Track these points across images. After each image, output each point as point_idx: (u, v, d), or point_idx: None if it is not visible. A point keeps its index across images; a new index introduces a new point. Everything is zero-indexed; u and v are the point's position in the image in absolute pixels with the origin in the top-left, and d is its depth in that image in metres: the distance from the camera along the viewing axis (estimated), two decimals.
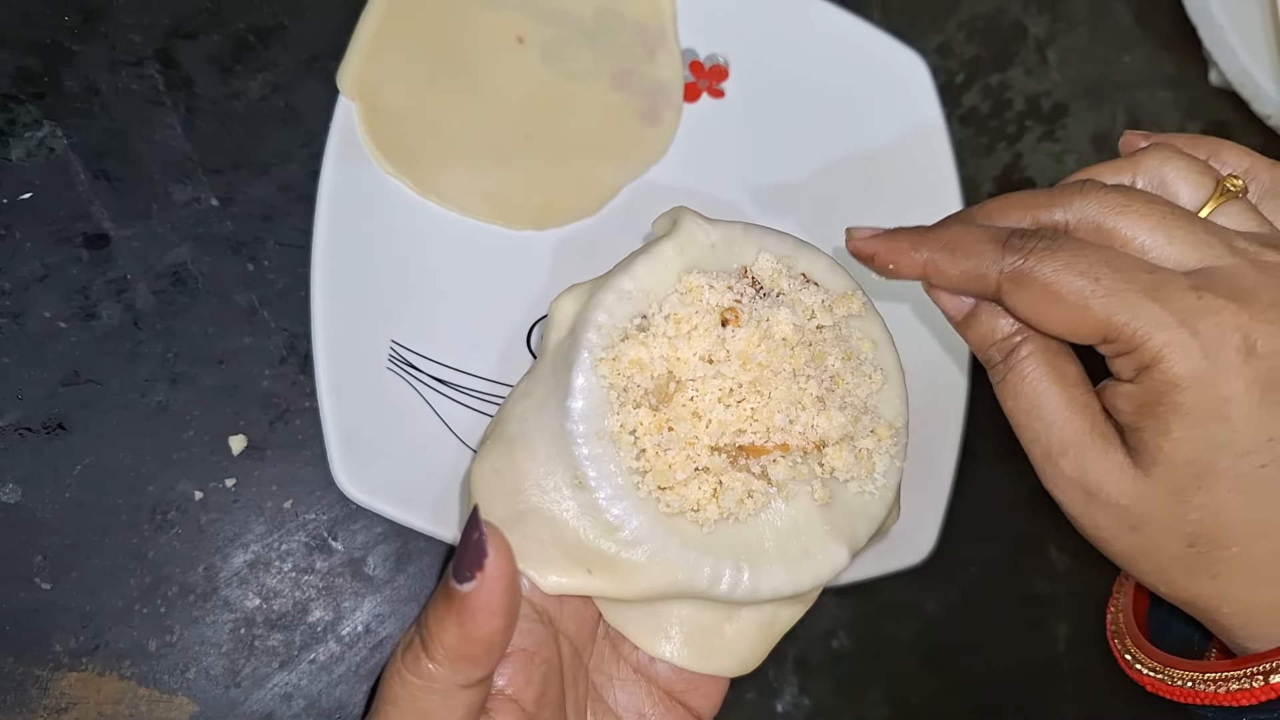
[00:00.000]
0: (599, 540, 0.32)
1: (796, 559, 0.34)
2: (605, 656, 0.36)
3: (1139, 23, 0.63)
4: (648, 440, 0.33)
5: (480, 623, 0.29)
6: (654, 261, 0.35)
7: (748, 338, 0.33)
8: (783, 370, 0.33)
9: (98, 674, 0.40)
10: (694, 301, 0.34)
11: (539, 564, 0.33)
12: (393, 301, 0.44)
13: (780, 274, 0.36)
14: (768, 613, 0.35)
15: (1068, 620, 0.54)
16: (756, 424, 0.33)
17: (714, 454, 0.33)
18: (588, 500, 0.32)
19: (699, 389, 0.33)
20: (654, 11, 0.50)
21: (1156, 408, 0.30)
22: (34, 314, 0.41)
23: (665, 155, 0.50)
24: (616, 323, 0.34)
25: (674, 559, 0.32)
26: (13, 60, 0.43)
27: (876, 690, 0.50)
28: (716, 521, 0.33)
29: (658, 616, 0.35)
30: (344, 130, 0.45)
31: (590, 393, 0.33)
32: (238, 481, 0.43)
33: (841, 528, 0.34)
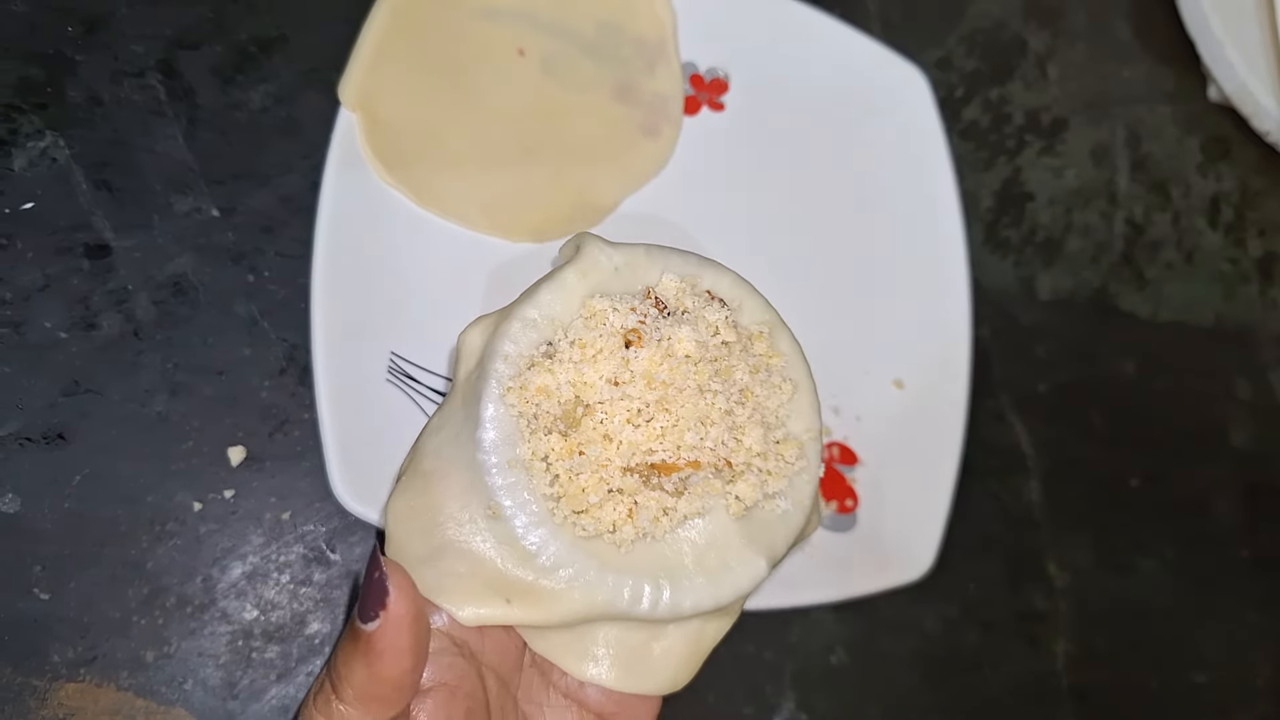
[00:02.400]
0: (517, 569, 0.32)
1: (716, 572, 0.34)
2: (534, 684, 0.36)
3: (1138, 38, 0.63)
4: (560, 466, 0.33)
5: (387, 662, 0.29)
6: (557, 288, 0.35)
7: (650, 357, 0.33)
8: (687, 387, 0.33)
9: (95, 685, 0.40)
10: (598, 325, 0.34)
11: (456, 597, 0.33)
12: (392, 313, 0.44)
13: (684, 293, 0.36)
14: (694, 628, 0.35)
15: (1066, 637, 0.54)
16: (666, 442, 0.33)
17: (626, 475, 0.33)
18: (503, 530, 0.32)
19: (607, 411, 0.33)
20: (654, 25, 0.50)
21: None
22: (35, 324, 0.41)
23: (665, 168, 0.50)
24: (523, 351, 0.34)
25: (593, 581, 0.32)
26: (15, 70, 0.43)
27: (875, 707, 0.50)
28: (633, 541, 0.33)
29: (583, 640, 0.35)
30: (345, 141, 0.45)
31: (500, 422, 0.33)
32: (236, 493, 0.43)
33: (759, 539, 0.34)
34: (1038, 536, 0.55)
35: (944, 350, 0.54)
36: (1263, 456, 0.61)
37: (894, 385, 0.52)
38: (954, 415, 0.53)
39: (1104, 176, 0.61)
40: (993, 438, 0.55)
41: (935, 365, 0.53)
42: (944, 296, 0.54)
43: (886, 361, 0.53)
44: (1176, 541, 0.58)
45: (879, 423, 0.52)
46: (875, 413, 0.52)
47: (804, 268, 0.52)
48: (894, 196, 0.54)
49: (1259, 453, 0.60)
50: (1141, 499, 0.58)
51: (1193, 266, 0.62)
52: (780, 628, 0.49)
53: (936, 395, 0.53)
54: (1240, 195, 0.63)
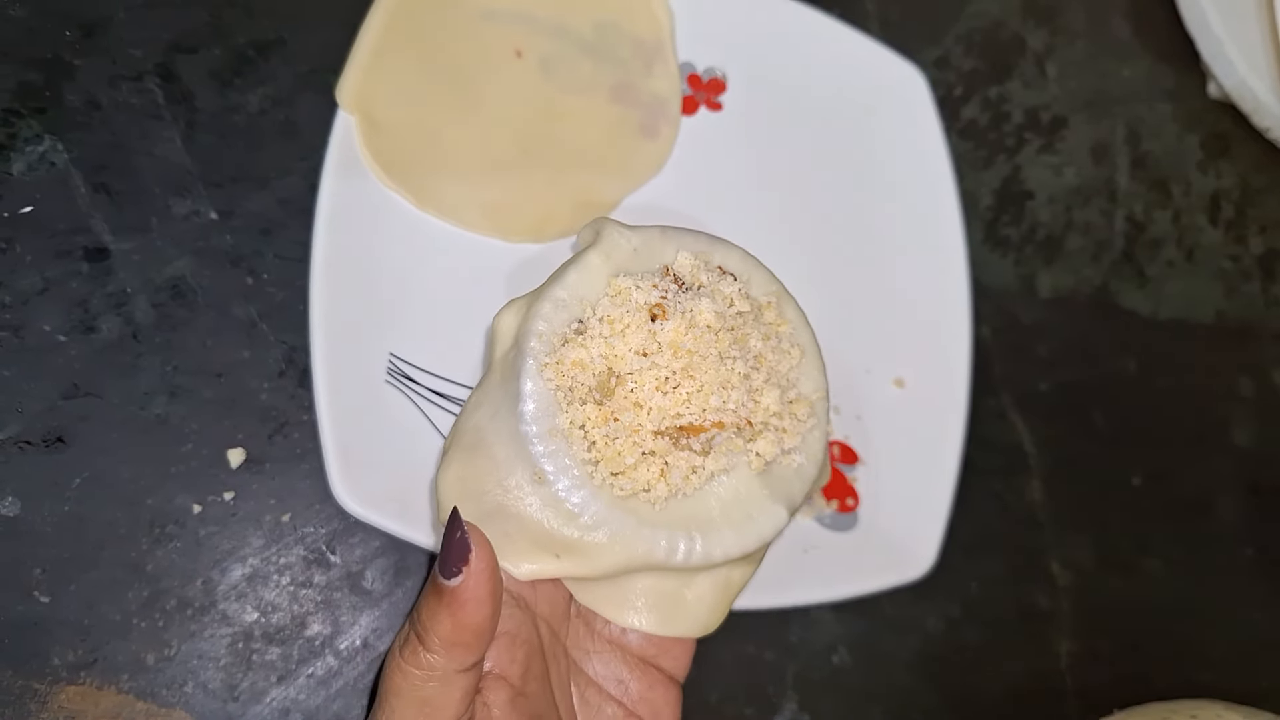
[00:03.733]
0: (563, 528, 0.35)
1: (741, 523, 0.37)
2: (580, 633, 0.39)
3: (1138, 36, 0.63)
4: (596, 432, 0.35)
5: (470, 611, 0.32)
6: (583, 270, 0.38)
7: (675, 328, 0.36)
8: (710, 354, 0.36)
9: (96, 687, 0.40)
10: (624, 302, 0.37)
11: (511, 555, 0.36)
12: (391, 314, 0.44)
13: (699, 269, 0.39)
14: (722, 575, 0.38)
15: (1069, 636, 0.54)
16: (692, 406, 0.36)
17: (657, 438, 0.36)
18: (548, 493, 0.35)
19: (637, 380, 0.36)
20: (652, 25, 0.50)
21: None
22: (34, 327, 0.41)
23: (663, 168, 0.50)
24: (555, 329, 0.37)
25: (632, 536, 0.35)
26: (14, 75, 0.43)
27: (877, 706, 0.50)
28: (666, 499, 0.36)
29: (623, 590, 0.38)
30: (343, 144, 0.45)
31: (539, 396, 0.36)
32: (236, 495, 0.43)
33: (778, 490, 0.38)
34: (1040, 535, 0.55)
35: (944, 349, 0.54)
36: (1265, 454, 0.60)
37: (894, 384, 0.52)
38: (955, 414, 0.53)
39: (1104, 174, 0.61)
40: (994, 436, 0.55)
41: (936, 364, 0.53)
42: (944, 295, 0.54)
43: (887, 360, 0.52)
44: (1179, 540, 0.58)
45: (880, 422, 0.51)
46: (876, 412, 0.51)
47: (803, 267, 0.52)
48: (893, 196, 0.54)
49: (1261, 451, 0.60)
50: (1144, 497, 0.57)
51: (1194, 264, 0.62)
52: (782, 628, 0.49)
53: (937, 394, 0.53)
54: (1241, 192, 0.63)
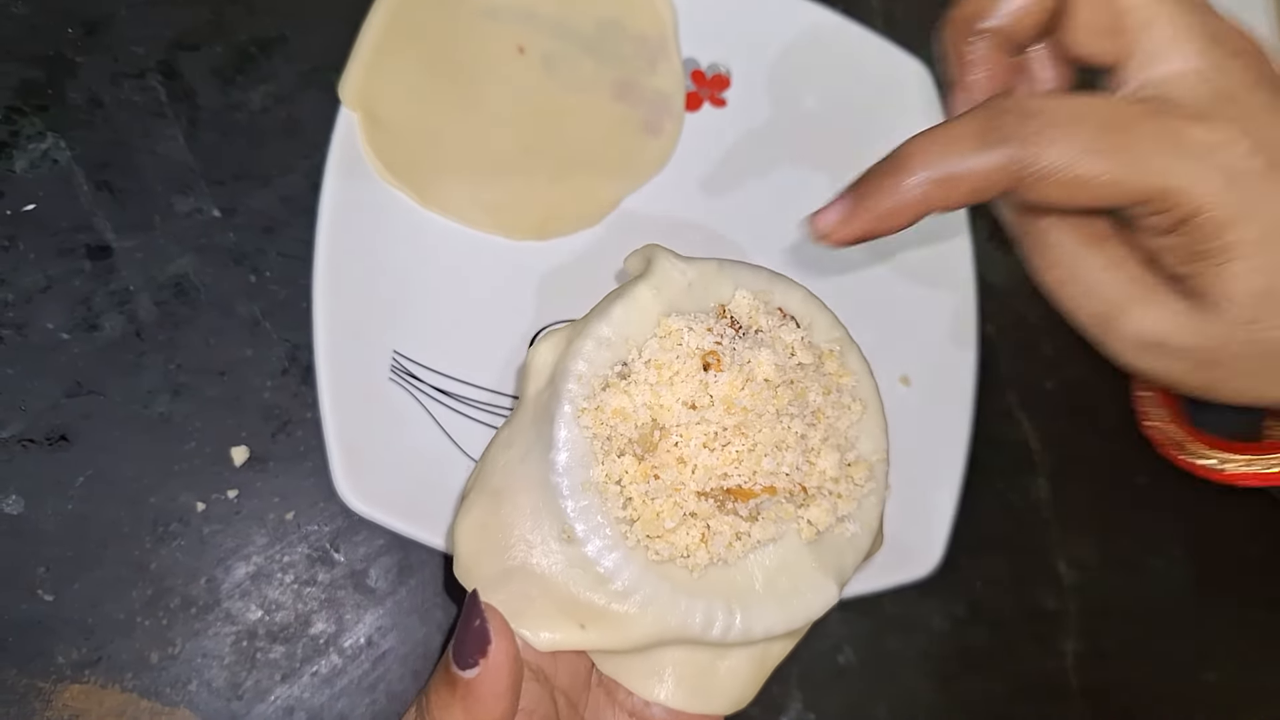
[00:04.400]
0: (590, 593, 0.32)
1: (787, 597, 0.33)
2: (600, 704, 0.36)
3: None
4: (634, 489, 0.32)
5: (487, 706, 0.29)
6: (631, 305, 0.34)
7: (730, 382, 0.33)
8: (766, 412, 0.33)
9: (100, 686, 0.40)
10: (674, 346, 0.33)
11: (531, 621, 0.32)
12: (394, 312, 0.44)
13: (758, 310, 0.35)
14: (759, 648, 0.35)
15: (1075, 636, 0.54)
16: (742, 467, 0.33)
17: (701, 499, 0.32)
18: (577, 553, 0.32)
19: (683, 435, 0.32)
20: (655, 22, 0.50)
21: (1209, 253, 0.29)
22: (37, 325, 0.41)
23: (667, 165, 0.50)
24: (597, 371, 0.33)
25: (666, 606, 0.32)
26: (16, 72, 0.43)
27: (882, 706, 0.50)
28: (706, 566, 0.33)
29: (650, 660, 0.34)
30: (345, 141, 0.45)
31: (574, 444, 0.32)
32: (240, 493, 0.43)
33: (829, 562, 0.34)
34: (1046, 534, 0.55)
35: (950, 347, 0.53)
36: None
37: (901, 382, 0.52)
38: (961, 413, 0.52)
39: None
40: (1000, 435, 0.55)
41: (942, 362, 0.53)
42: (950, 293, 0.54)
43: (893, 359, 0.52)
44: (1186, 539, 0.57)
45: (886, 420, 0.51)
46: None
47: (808, 265, 0.52)
48: None
49: None
50: (1150, 496, 0.57)
51: None
52: None
53: (943, 393, 0.53)
54: None
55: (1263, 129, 0.28)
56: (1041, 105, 0.29)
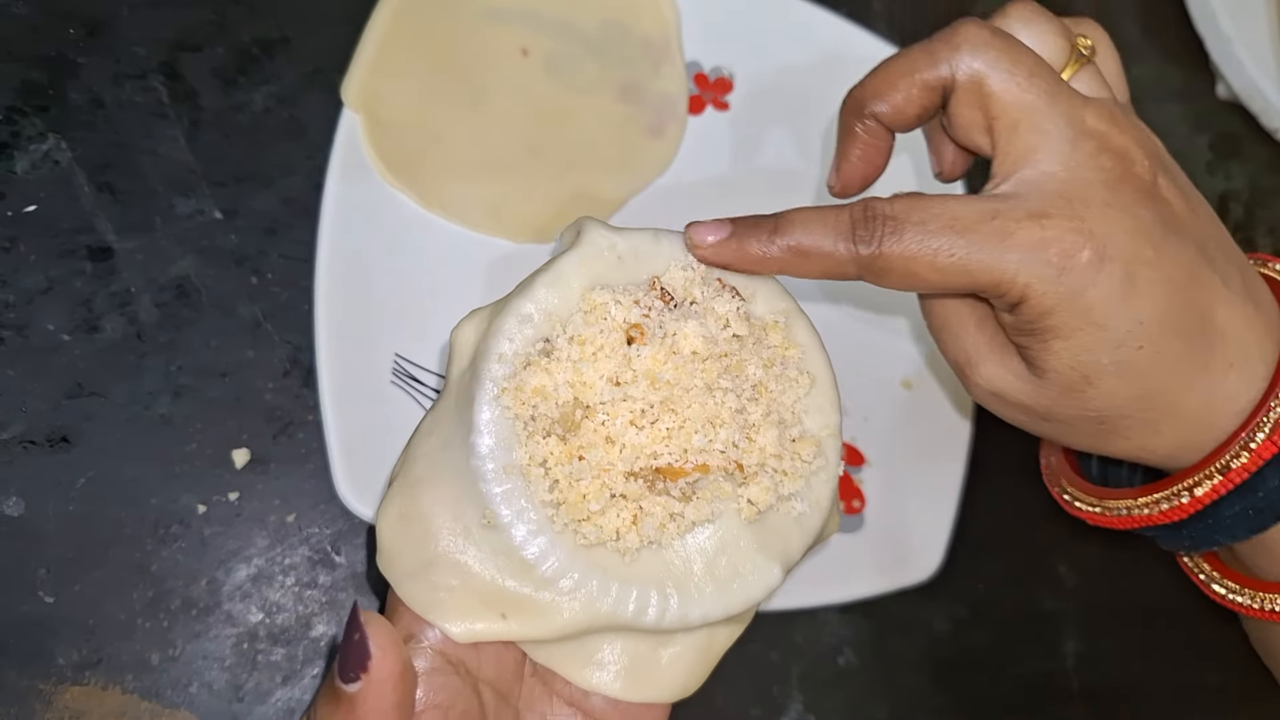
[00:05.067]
0: (513, 581, 0.31)
1: (727, 581, 0.32)
2: (536, 694, 0.35)
3: (1146, 36, 0.63)
4: (559, 471, 0.31)
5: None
6: (556, 280, 0.33)
7: (653, 355, 0.31)
8: (694, 386, 0.32)
9: (100, 687, 0.40)
10: (599, 320, 0.32)
11: (449, 613, 0.31)
12: (396, 314, 0.44)
13: (693, 283, 0.34)
14: (703, 635, 0.34)
15: (1076, 637, 0.54)
16: (672, 445, 0.31)
17: (630, 480, 0.31)
18: (500, 540, 0.31)
19: (608, 413, 0.31)
20: (658, 24, 0.50)
21: (1034, 331, 0.33)
22: (38, 326, 0.41)
23: (670, 168, 0.50)
24: (519, 349, 0.32)
25: (596, 592, 0.31)
26: (18, 73, 0.43)
27: (883, 708, 0.50)
28: (638, 549, 0.31)
29: (587, 648, 0.33)
30: (347, 143, 0.45)
31: (495, 426, 0.31)
32: (240, 495, 0.43)
33: (773, 544, 0.33)
34: (1047, 536, 0.55)
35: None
36: None
37: (902, 385, 0.52)
38: (962, 415, 0.53)
39: None
40: (1001, 438, 0.55)
41: (943, 365, 0.53)
42: None
43: (894, 362, 0.52)
44: None
45: (887, 423, 0.51)
46: (883, 413, 0.51)
47: None
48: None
49: None
50: None
51: None
52: (787, 629, 0.49)
53: (944, 395, 0.53)
54: (1250, 193, 0.63)
55: (1097, 225, 0.32)
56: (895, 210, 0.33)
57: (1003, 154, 0.34)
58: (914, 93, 0.35)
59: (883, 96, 0.35)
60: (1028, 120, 0.33)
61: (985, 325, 0.36)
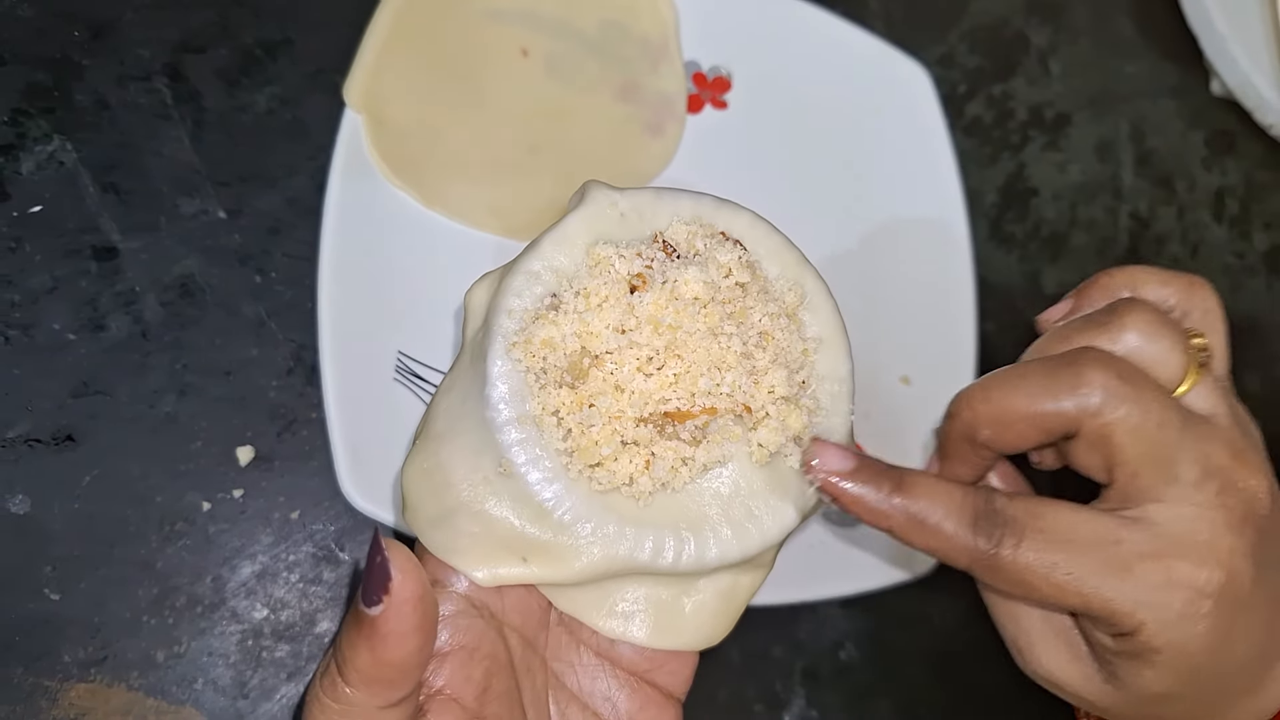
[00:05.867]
0: (532, 527, 0.32)
1: (741, 523, 0.33)
2: (563, 644, 0.35)
3: (1141, 33, 0.63)
4: (571, 420, 0.32)
5: (391, 645, 0.28)
6: (560, 238, 0.34)
7: (655, 301, 0.32)
8: (696, 330, 0.32)
9: (106, 685, 0.40)
10: (603, 273, 0.33)
11: (470, 558, 0.32)
12: (399, 312, 0.45)
13: (696, 235, 0.34)
14: (726, 582, 0.34)
15: None
16: (679, 389, 0.32)
17: (640, 425, 0.32)
18: (517, 487, 0.32)
19: (616, 361, 0.32)
20: (657, 24, 0.50)
21: (1134, 655, 0.33)
22: (43, 326, 0.42)
23: (669, 166, 0.50)
24: (527, 305, 0.33)
25: (612, 535, 0.32)
26: (23, 75, 0.43)
27: (885, 702, 0.50)
28: (652, 493, 0.32)
29: (611, 597, 0.34)
30: (350, 143, 0.45)
31: (508, 378, 0.32)
32: (245, 492, 0.43)
33: (787, 486, 0.33)
34: None
35: (950, 346, 0.54)
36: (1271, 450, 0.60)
37: (901, 382, 0.52)
38: None
39: (1108, 171, 0.61)
40: None
41: (942, 361, 0.53)
42: (949, 292, 0.54)
43: (893, 358, 0.53)
44: None
45: (886, 419, 0.51)
46: (883, 409, 0.52)
47: None
48: (898, 193, 0.54)
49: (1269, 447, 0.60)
50: None
51: (1198, 261, 0.62)
52: (789, 624, 0.49)
53: (944, 391, 0.53)
54: (1245, 189, 0.63)
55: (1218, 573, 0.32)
56: (1016, 512, 0.32)
57: (1122, 491, 0.33)
58: (1031, 435, 0.34)
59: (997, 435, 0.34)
60: (1154, 469, 0.33)
61: (1053, 619, 0.36)
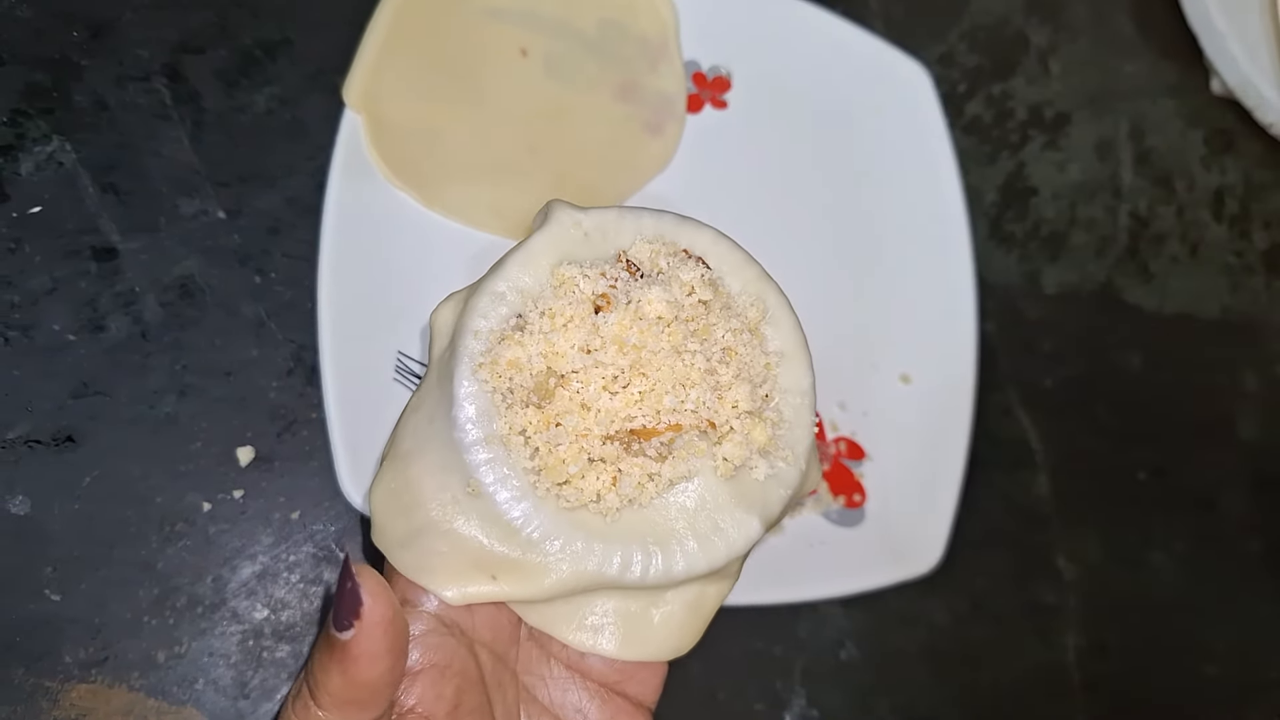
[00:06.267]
0: (501, 545, 0.32)
1: (707, 535, 0.33)
2: (533, 657, 0.36)
3: (1140, 32, 0.63)
4: (538, 439, 0.32)
5: (363, 667, 0.29)
6: (525, 259, 0.34)
7: (619, 321, 0.33)
8: (661, 349, 0.33)
9: (107, 685, 0.40)
10: (568, 293, 0.33)
11: (439, 577, 0.32)
12: (398, 313, 0.45)
13: (659, 254, 0.35)
14: (694, 593, 0.35)
15: (1076, 630, 0.54)
16: (644, 407, 0.33)
17: (607, 443, 0.33)
18: (485, 507, 0.32)
19: (581, 380, 0.33)
20: (656, 23, 0.50)
21: None
22: (43, 326, 0.42)
23: (668, 166, 0.50)
24: (493, 325, 0.34)
25: (581, 552, 0.32)
26: (22, 76, 0.43)
27: (885, 701, 0.50)
28: (619, 509, 0.33)
29: (580, 610, 0.34)
30: (350, 143, 0.45)
31: (475, 399, 0.33)
32: (245, 493, 0.43)
33: (751, 498, 0.34)
34: (1046, 530, 0.55)
35: (950, 345, 0.54)
36: (1270, 448, 0.60)
37: (901, 380, 0.52)
38: (961, 410, 0.53)
39: (1108, 170, 0.61)
40: (1000, 432, 0.55)
41: (942, 360, 0.53)
42: (949, 291, 0.54)
43: (893, 357, 0.53)
44: (1185, 534, 0.58)
45: (886, 418, 0.52)
46: (883, 408, 0.52)
47: (809, 264, 0.52)
48: (898, 192, 0.55)
49: (1267, 445, 0.60)
50: (1150, 492, 0.57)
51: (1198, 260, 0.62)
52: (790, 623, 0.49)
53: (943, 390, 0.53)
54: (1244, 188, 0.63)
55: None
56: None
57: None
58: None
59: None
60: None
61: None
